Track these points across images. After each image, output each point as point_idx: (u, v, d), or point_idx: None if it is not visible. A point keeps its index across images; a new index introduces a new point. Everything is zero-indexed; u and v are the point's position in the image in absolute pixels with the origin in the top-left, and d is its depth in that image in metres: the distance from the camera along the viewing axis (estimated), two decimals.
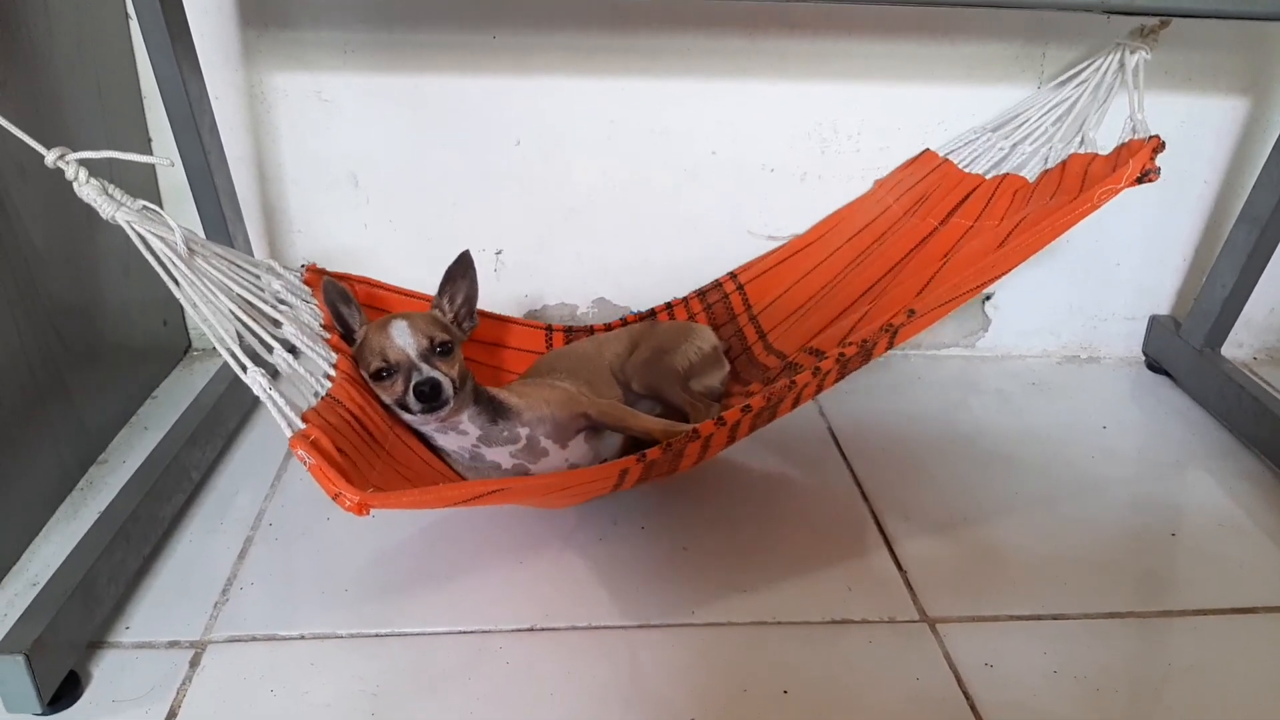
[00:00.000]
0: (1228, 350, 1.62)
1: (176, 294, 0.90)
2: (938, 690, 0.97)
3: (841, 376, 1.13)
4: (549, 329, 1.50)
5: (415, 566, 1.13)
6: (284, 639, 1.01)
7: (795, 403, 1.12)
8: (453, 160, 1.52)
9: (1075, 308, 1.75)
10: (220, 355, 0.89)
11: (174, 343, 1.60)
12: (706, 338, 1.40)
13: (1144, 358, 1.76)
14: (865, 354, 1.10)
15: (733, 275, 1.59)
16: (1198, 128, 1.57)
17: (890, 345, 1.10)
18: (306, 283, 1.15)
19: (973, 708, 0.95)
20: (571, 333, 1.51)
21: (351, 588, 1.09)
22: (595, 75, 1.47)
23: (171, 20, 1.15)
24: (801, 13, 1.43)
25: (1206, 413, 1.56)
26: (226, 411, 1.35)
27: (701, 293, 1.59)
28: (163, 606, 1.04)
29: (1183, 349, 1.64)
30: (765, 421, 1.12)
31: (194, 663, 0.97)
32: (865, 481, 1.33)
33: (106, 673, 0.95)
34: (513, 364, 1.44)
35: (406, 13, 1.40)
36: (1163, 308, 1.76)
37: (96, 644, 0.98)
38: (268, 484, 1.27)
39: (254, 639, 1.00)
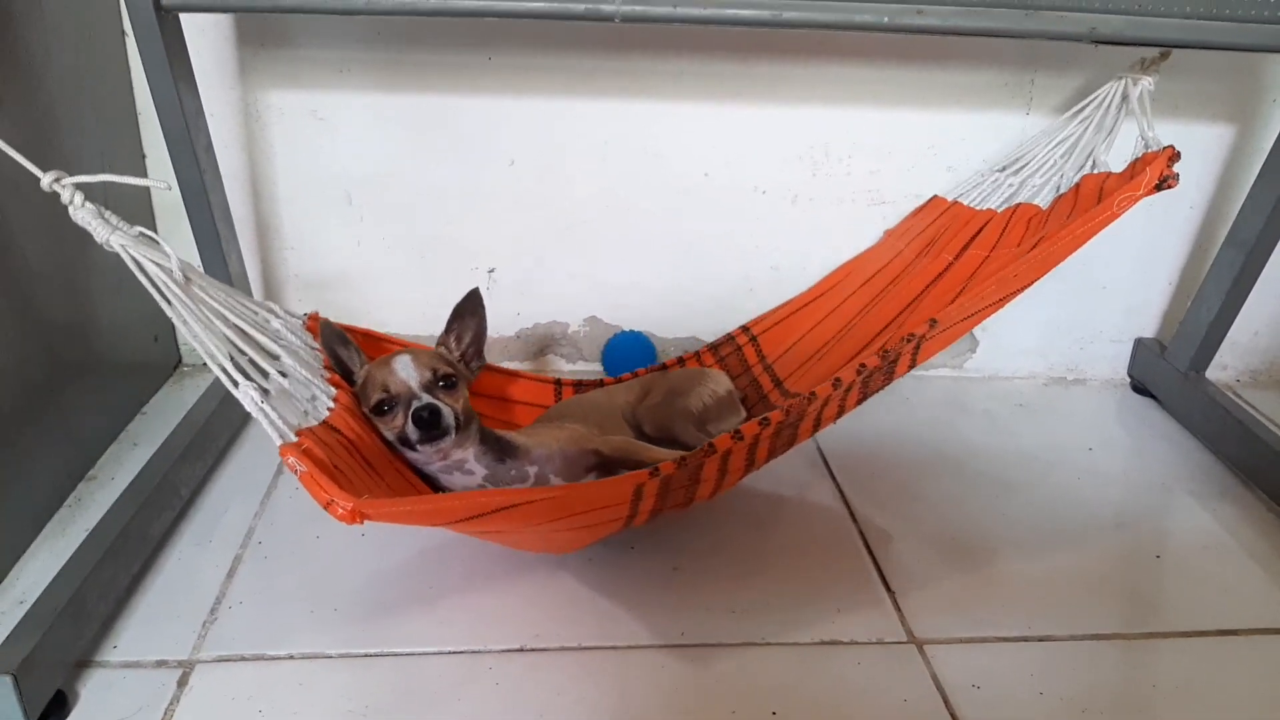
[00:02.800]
0: (1212, 373, 1.64)
1: (170, 315, 0.90)
2: (925, 712, 0.98)
3: (864, 396, 1.11)
4: (558, 382, 1.49)
5: (405, 587, 1.13)
6: (272, 659, 1.00)
7: (817, 425, 1.11)
8: (447, 179, 1.53)
9: (1062, 330, 1.77)
10: (211, 372, 0.89)
11: (164, 358, 1.59)
12: (721, 381, 1.39)
13: (1129, 380, 1.78)
14: (888, 369, 1.07)
15: (745, 328, 1.59)
16: (1185, 153, 1.56)
17: (913, 361, 1.08)
18: (307, 329, 1.15)
19: None
20: (581, 386, 1.50)
21: (341, 607, 1.09)
22: (590, 96, 1.48)
23: (169, 38, 1.16)
24: (793, 39, 1.44)
25: (1191, 435, 1.58)
26: (217, 428, 1.35)
27: (714, 346, 1.59)
28: (151, 625, 1.04)
29: (1168, 371, 1.66)
30: (785, 444, 1.11)
31: (182, 683, 0.96)
32: (854, 502, 1.34)
33: (94, 692, 0.95)
34: (521, 417, 1.42)
35: (403, 33, 1.41)
36: (1148, 330, 1.78)
37: (84, 663, 0.98)
38: (257, 502, 1.27)
39: (242, 659, 1.00)
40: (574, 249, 1.60)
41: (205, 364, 1.54)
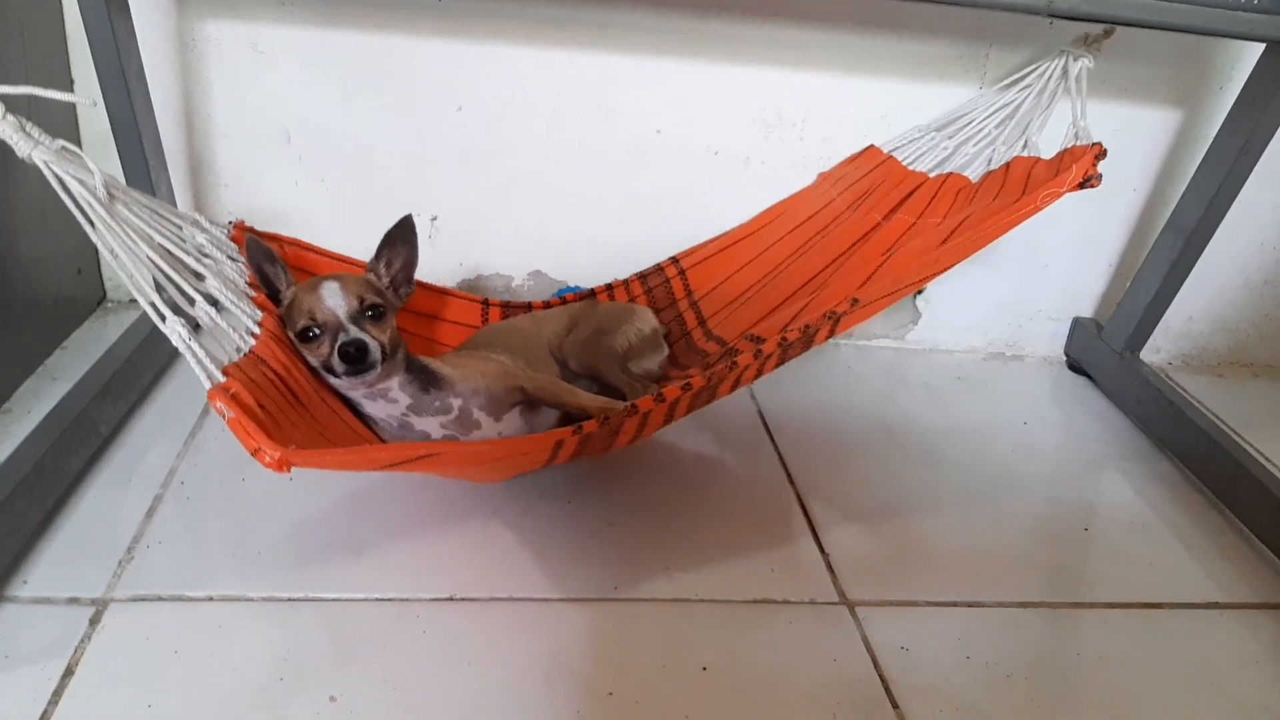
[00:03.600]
0: (1146, 355, 1.67)
1: (94, 239, 0.85)
2: (855, 671, 0.98)
3: (782, 361, 1.13)
4: (485, 303, 1.47)
5: (334, 533, 1.10)
6: (191, 600, 0.97)
7: (735, 385, 1.12)
8: (391, 122, 1.48)
9: (1002, 306, 1.78)
10: (137, 308, 0.86)
11: (88, 294, 1.53)
12: (647, 320, 1.39)
13: (1066, 358, 1.81)
14: (807, 340, 1.10)
15: (674, 260, 1.58)
16: (1131, 137, 1.61)
17: (832, 333, 1.11)
18: (232, 240, 1.11)
19: (888, 690, 0.96)
20: (509, 308, 1.49)
21: (265, 551, 1.06)
22: (543, 46, 1.44)
23: None
24: None
25: (1123, 414, 1.61)
26: (141, 365, 1.30)
27: (642, 275, 1.58)
28: (64, 562, 1.00)
29: (1103, 351, 1.68)
30: (704, 402, 1.12)
31: (94, 620, 0.93)
32: (793, 466, 1.34)
33: (2, 627, 0.91)
34: (447, 337, 1.41)
35: None
36: (1086, 310, 1.81)
37: None
38: (181, 442, 1.23)
39: (159, 599, 0.97)
40: (520, 201, 1.57)
41: (132, 300, 1.51)
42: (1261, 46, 1.34)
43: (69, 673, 0.87)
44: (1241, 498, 1.34)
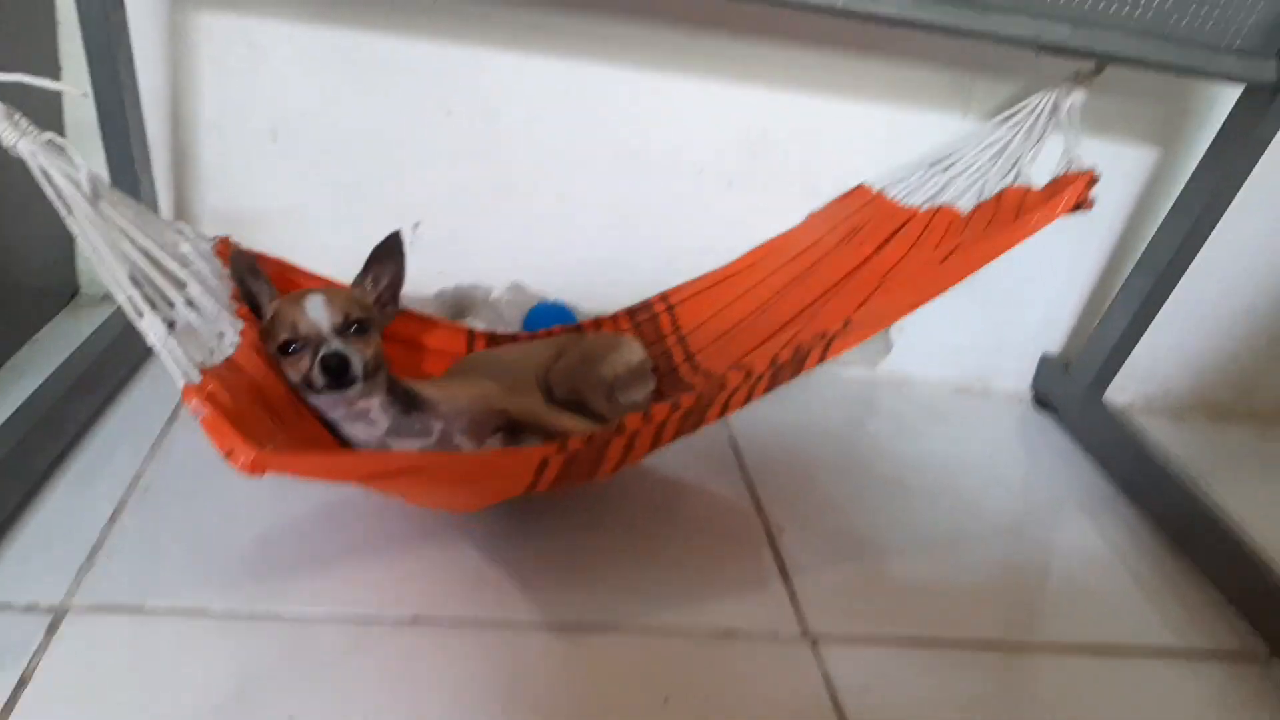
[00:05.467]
0: (1111, 394, 1.69)
1: (75, 233, 0.84)
2: (814, 708, 0.99)
3: (772, 386, 1.12)
4: (471, 333, 1.46)
5: (299, 546, 1.09)
6: (152, 611, 0.96)
7: (724, 409, 1.11)
8: (380, 124, 1.47)
9: (973, 340, 1.80)
10: (111, 303, 0.85)
11: (61, 287, 1.51)
12: (635, 350, 1.39)
13: (1033, 394, 1.83)
14: (799, 362, 1.09)
15: (663, 296, 1.58)
16: (1107, 173, 1.60)
17: (824, 356, 1.10)
18: (217, 254, 1.10)
19: None
20: (495, 339, 1.48)
21: (229, 564, 1.04)
22: (535, 54, 1.44)
23: None
24: (744, 16, 1.42)
25: (1087, 455, 1.63)
26: (112, 364, 1.29)
27: (630, 311, 1.57)
28: (23, 566, 0.99)
29: (1069, 390, 1.71)
30: (691, 426, 1.11)
31: (51, 629, 0.91)
32: (762, 495, 1.34)
33: None
34: (432, 365, 1.40)
35: None
36: (1054, 347, 1.83)
37: None
38: (149, 445, 1.21)
39: (119, 608, 0.95)
40: (505, 210, 1.56)
41: (106, 295, 1.50)
42: (1241, 88, 1.37)
43: (23, 682, 0.85)
44: (1199, 544, 1.36)
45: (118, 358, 1.30)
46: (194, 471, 1.17)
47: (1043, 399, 1.80)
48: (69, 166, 0.84)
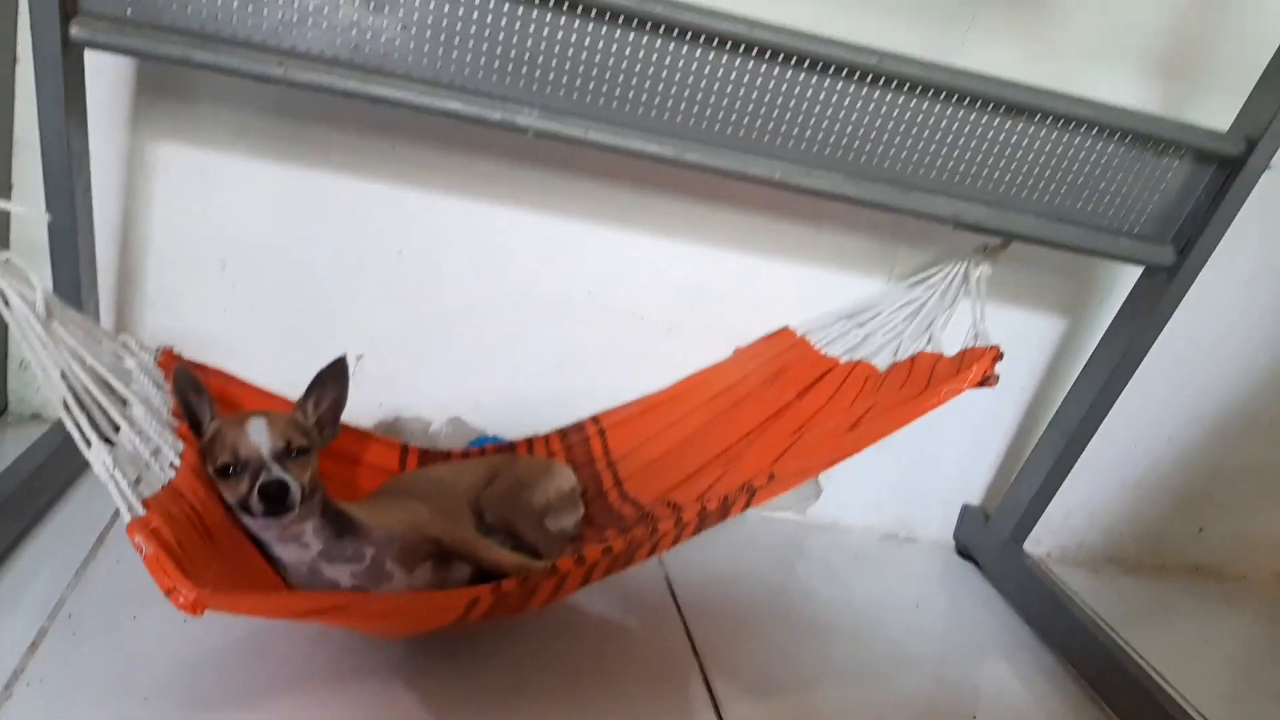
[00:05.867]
0: (1029, 546, 1.75)
1: (27, 355, 0.85)
2: None
3: (699, 530, 1.16)
4: (404, 448, 1.48)
5: (224, 680, 1.05)
6: None
7: (652, 551, 1.14)
8: (330, 259, 1.51)
9: (897, 489, 1.86)
10: (39, 423, 0.85)
11: None
12: (566, 477, 1.41)
13: (955, 543, 1.88)
14: (724, 510, 1.14)
15: (595, 419, 1.62)
16: (1021, 339, 1.74)
17: (748, 504, 1.15)
18: (159, 365, 1.11)
19: None
20: (427, 456, 1.49)
21: (151, 697, 1.00)
22: (488, 200, 1.51)
23: (69, 74, 1.12)
24: (690, 180, 1.51)
25: (1007, 603, 1.67)
26: (39, 486, 1.25)
27: (563, 432, 1.61)
28: None
29: (989, 540, 1.76)
30: (620, 567, 1.13)
31: None
32: (696, 636, 1.35)
33: None
34: (365, 480, 1.40)
35: (311, 109, 1.41)
36: (975, 498, 1.90)
37: None
38: (72, 571, 1.17)
39: None
40: (448, 347, 1.60)
41: (34, 414, 1.47)
42: (1140, 269, 1.49)
43: None
44: (1114, 691, 1.40)
45: (45, 481, 1.27)
46: (118, 600, 1.13)
47: (964, 548, 1.85)
48: (25, 287, 0.85)
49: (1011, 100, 1.31)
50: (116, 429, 0.90)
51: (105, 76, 1.34)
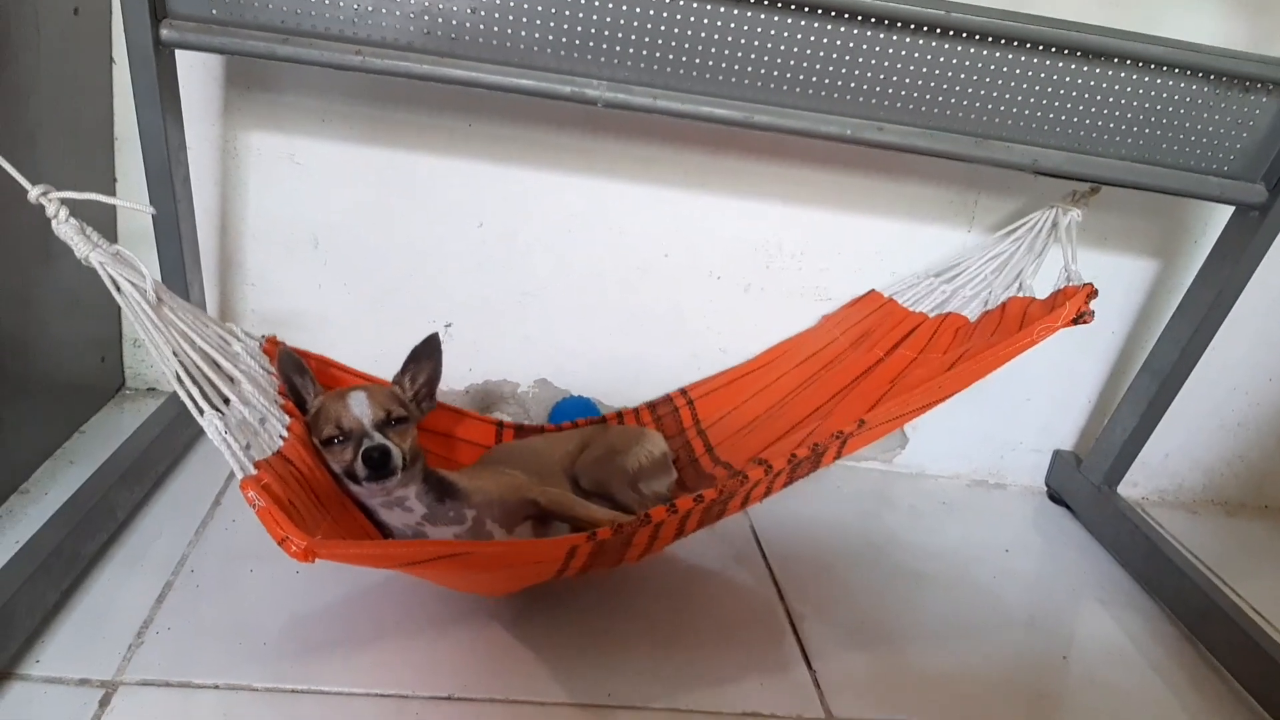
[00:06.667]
0: (1123, 489, 1.72)
1: (143, 336, 0.92)
2: None
3: (790, 480, 1.18)
4: (500, 424, 1.53)
5: (336, 627, 1.13)
6: (198, 687, 1.00)
7: (745, 502, 1.16)
8: (414, 234, 1.57)
9: (986, 436, 1.85)
10: (154, 396, 0.91)
11: (108, 380, 1.58)
12: (657, 443, 1.44)
13: (1046, 489, 1.86)
14: (815, 459, 1.14)
15: (683, 391, 1.65)
16: (1110, 283, 1.68)
17: (839, 454, 1.16)
18: (264, 351, 1.18)
19: None
20: (522, 430, 1.55)
21: (270, 642, 1.09)
22: (562, 171, 1.54)
23: (163, 73, 1.19)
24: (761, 140, 1.52)
25: (1101, 546, 1.65)
26: (158, 454, 1.35)
27: (652, 405, 1.65)
28: (76, 644, 1.03)
29: (1082, 484, 1.74)
30: (714, 518, 1.16)
31: (104, 703, 0.95)
32: (783, 582, 1.38)
33: (13, 705, 0.93)
34: (463, 456, 1.46)
35: (389, 92, 1.46)
36: (1066, 444, 1.87)
37: (4, 674, 0.97)
38: (193, 530, 1.26)
39: (167, 684, 0.99)
40: (531, 312, 1.64)
41: (150, 388, 1.57)
42: (1231, 208, 1.45)
43: None
44: (1213, 634, 1.38)
45: (164, 448, 1.36)
46: (235, 555, 1.22)
47: (1057, 493, 1.83)
48: (135, 275, 0.92)
49: (1084, 44, 1.27)
50: (227, 401, 0.96)
51: (196, 73, 1.41)
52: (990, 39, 1.27)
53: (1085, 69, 1.30)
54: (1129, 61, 1.30)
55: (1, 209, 0.86)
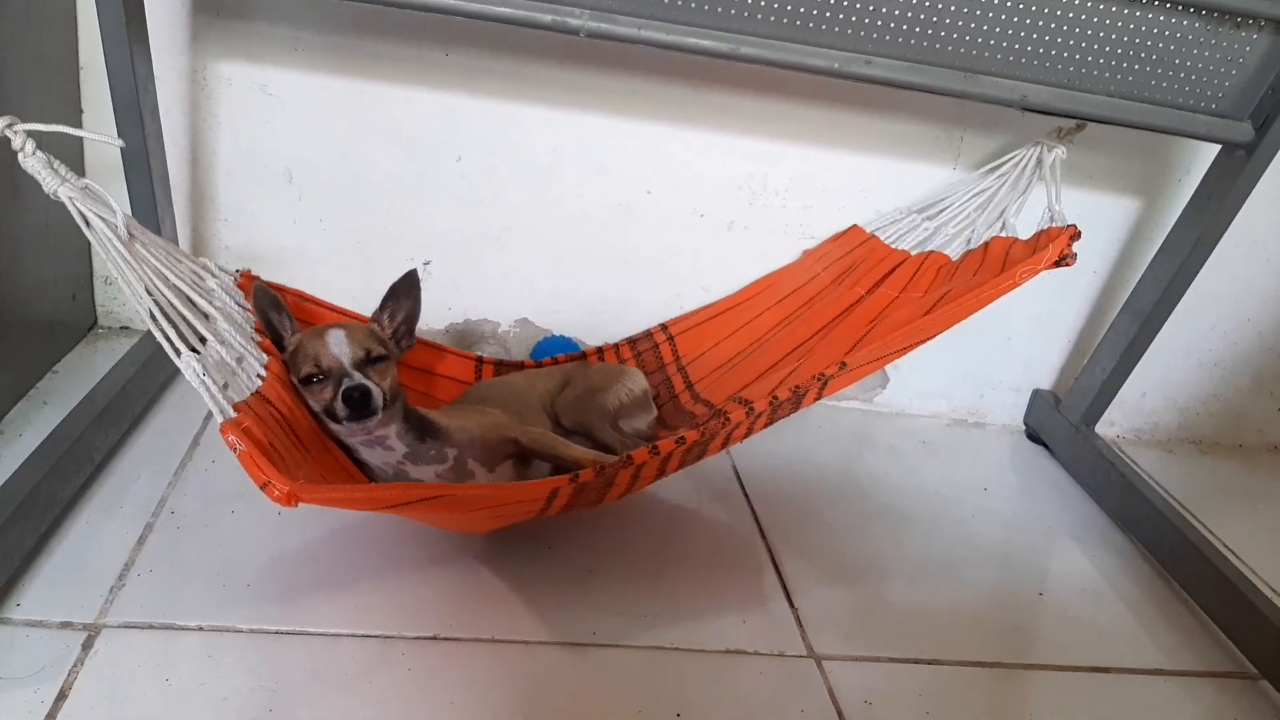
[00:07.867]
0: (1101, 429, 1.74)
1: (115, 273, 0.89)
2: None
3: (771, 421, 1.18)
4: (480, 360, 1.52)
5: (320, 568, 1.13)
6: (181, 629, 0.99)
7: (725, 442, 1.16)
8: (391, 168, 1.53)
9: (966, 375, 1.86)
10: (128, 335, 0.89)
11: (80, 319, 1.55)
12: (638, 380, 1.44)
13: (1025, 428, 1.88)
14: (796, 401, 1.15)
15: (663, 326, 1.64)
16: (1092, 221, 1.68)
17: (820, 395, 1.16)
18: (239, 286, 1.15)
19: None
20: (502, 367, 1.53)
21: (254, 583, 1.08)
22: (543, 104, 1.51)
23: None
24: (746, 73, 1.49)
25: (1078, 485, 1.68)
26: (134, 394, 1.33)
27: (632, 340, 1.63)
28: (57, 587, 1.02)
29: (1060, 423, 1.76)
30: (695, 458, 1.16)
31: (87, 645, 0.95)
32: (765, 521, 1.39)
33: None
34: (442, 392, 1.45)
35: (363, 20, 1.41)
36: (1045, 383, 1.88)
37: None
38: (171, 472, 1.25)
39: (150, 626, 0.99)
40: (512, 250, 1.62)
41: (123, 327, 1.54)
42: (1217, 147, 1.44)
43: (62, 696, 0.89)
44: (1186, 570, 1.40)
45: (140, 388, 1.34)
46: (216, 497, 1.21)
47: (1035, 432, 1.85)
48: (105, 210, 0.89)
49: None
50: (203, 340, 0.94)
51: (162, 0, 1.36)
52: None
53: (1075, 2, 1.28)
54: None
55: None
